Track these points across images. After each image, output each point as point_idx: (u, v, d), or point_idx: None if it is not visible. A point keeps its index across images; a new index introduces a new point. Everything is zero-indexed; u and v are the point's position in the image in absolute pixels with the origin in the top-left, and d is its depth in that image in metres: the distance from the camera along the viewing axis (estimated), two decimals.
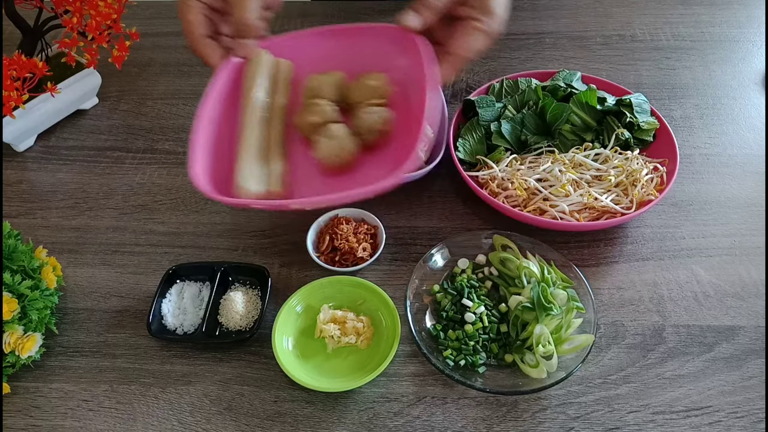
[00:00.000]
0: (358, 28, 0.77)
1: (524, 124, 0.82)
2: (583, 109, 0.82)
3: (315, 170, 0.70)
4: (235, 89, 0.74)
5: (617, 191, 0.76)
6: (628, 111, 0.82)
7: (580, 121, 0.82)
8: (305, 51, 0.77)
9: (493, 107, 0.84)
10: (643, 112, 0.83)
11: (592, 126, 0.83)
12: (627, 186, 0.76)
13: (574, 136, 0.82)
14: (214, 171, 0.68)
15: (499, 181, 0.78)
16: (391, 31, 0.73)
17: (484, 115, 0.83)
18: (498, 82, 0.88)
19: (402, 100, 0.72)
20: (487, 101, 0.85)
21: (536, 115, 0.83)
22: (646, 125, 0.82)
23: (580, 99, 0.81)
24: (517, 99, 0.85)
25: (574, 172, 0.76)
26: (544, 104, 0.82)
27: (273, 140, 0.72)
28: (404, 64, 0.71)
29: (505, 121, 0.82)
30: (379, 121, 0.69)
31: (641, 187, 0.75)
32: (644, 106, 0.84)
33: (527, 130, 0.82)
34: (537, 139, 0.82)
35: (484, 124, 0.83)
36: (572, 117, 0.81)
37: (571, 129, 0.82)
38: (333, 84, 0.74)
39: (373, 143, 0.71)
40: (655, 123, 0.83)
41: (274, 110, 0.74)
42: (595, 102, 0.82)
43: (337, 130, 0.69)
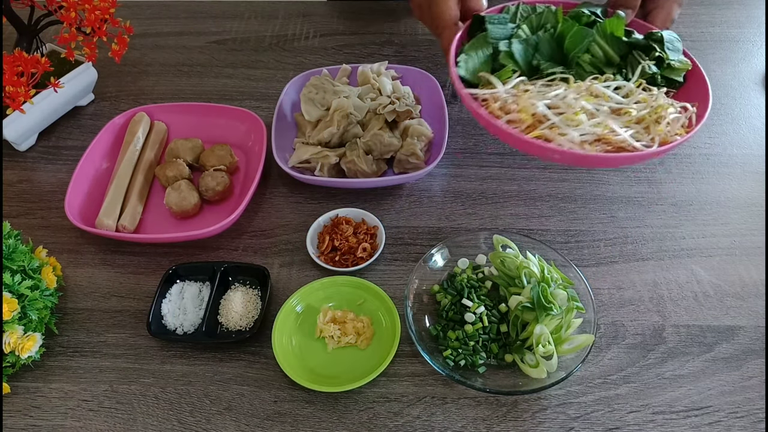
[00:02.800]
0: (220, 108, 0.95)
1: (538, 48, 0.72)
2: (607, 40, 0.71)
3: (166, 213, 0.85)
4: (118, 142, 0.92)
5: (638, 128, 0.65)
6: (659, 46, 0.72)
7: (602, 54, 0.71)
8: (178, 118, 0.95)
9: (505, 25, 0.74)
10: (675, 51, 0.73)
11: (615, 61, 0.72)
12: (650, 124, 0.66)
13: (594, 68, 0.71)
14: (89, 205, 0.84)
15: (503, 102, 0.67)
16: (240, 113, 0.93)
17: (494, 32, 0.73)
18: (514, 4, 0.77)
19: (243, 164, 0.91)
20: (499, 18, 0.74)
21: (553, 39, 0.72)
22: (677, 63, 0.72)
23: (604, 28, 0.71)
24: (533, 20, 0.74)
25: (591, 99, 0.66)
26: (563, 29, 0.72)
27: (136, 185, 0.86)
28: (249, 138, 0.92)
29: (517, 41, 0.71)
30: (219, 183, 0.84)
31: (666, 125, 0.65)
32: (676, 44, 0.73)
33: (540, 55, 0.72)
34: (550, 65, 0.71)
35: (493, 42, 0.72)
36: (593, 48, 0.71)
37: (590, 60, 0.71)
38: (191, 148, 0.89)
39: (212, 199, 0.85)
40: (688, 63, 0.72)
41: (144, 161, 0.89)
42: (622, 32, 0.71)
43: (183, 185, 0.84)
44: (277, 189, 0.88)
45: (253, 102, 1.01)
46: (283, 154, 0.87)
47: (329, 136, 0.84)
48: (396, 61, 1.05)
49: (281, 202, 0.86)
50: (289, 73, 1.04)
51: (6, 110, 0.87)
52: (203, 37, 1.14)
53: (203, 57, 1.10)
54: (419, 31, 1.13)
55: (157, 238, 0.81)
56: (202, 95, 1.03)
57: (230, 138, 0.92)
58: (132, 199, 0.84)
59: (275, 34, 1.14)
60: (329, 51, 1.10)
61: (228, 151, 0.88)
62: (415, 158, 0.83)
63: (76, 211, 0.82)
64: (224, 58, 1.10)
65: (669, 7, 0.73)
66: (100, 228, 0.80)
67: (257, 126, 0.91)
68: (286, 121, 0.93)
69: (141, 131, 0.92)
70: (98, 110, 1.01)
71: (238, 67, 1.08)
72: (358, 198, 0.86)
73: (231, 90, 1.03)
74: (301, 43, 1.12)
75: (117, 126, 0.93)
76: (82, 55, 0.92)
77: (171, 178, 0.85)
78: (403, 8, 1.17)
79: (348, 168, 0.83)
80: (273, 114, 0.91)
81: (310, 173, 0.85)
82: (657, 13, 0.73)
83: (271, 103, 0.98)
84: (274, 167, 0.89)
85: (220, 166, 0.87)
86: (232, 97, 1.02)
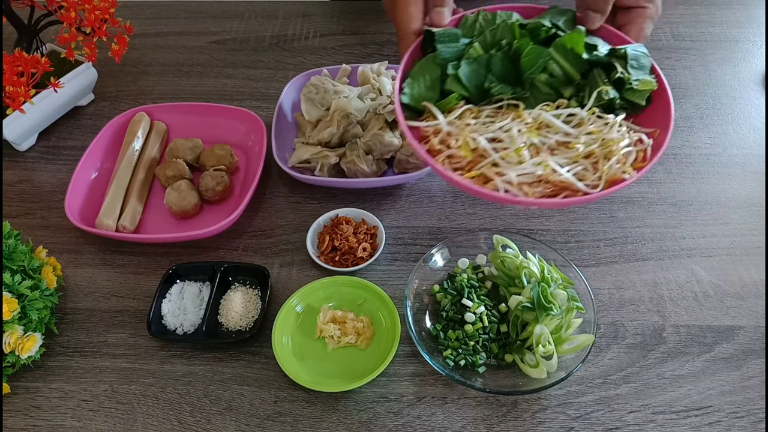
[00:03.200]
0: (220, 108, 0.95)
1: (490, 67, 0.65)
2: (566, 56, 0.64)
3: (166, 213, 0.85)
4: (118, 142, 0.92)
5: (586, 164, 0.59)
6: (621, 64, 0.64)
7: (561, 72, 0.64)
8: (178, 118, 0.95)
9: (457, 43, 0.66)
10: (640, 68, 0.64)
11: (575, 79, 0.65)
12: (599, 158, 0.60)
13: (550, 89, 0.65)
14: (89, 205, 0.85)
15: (444, 135, 0.61)
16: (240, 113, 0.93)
17: (444, 51, 0.65)
18: (473, 13, 0.68)
19: (243, 165, 0.91)
20: (450, 34, 0.65)
21: (507, 58, 0.65)
22: (638, 85, 0.63)
23: (563, 43, 0.64)
24: (487, 36, 0.66)
25: (536, 133, 0.61)
26: (519, 45, 0.64)
27: (136, 185, 0.86)
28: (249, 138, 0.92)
29: (467, 62, 0.64)
30: (219, 183, 0.84)
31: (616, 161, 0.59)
32: (643, 60, 0.65)
33: (494, 75, 0.65)
34: (502, 88, 0.64)
35: (441, 63, 0.65)
36: (551, 65, 0.64)
37: (547, 80, 0.64)
38: (190, 148, 0.89)
39: (212, 199, 0.85)
40: (652, 84, 0.64)
41: (144, 161, 0.89)
42: (582, 48, 0.63)
43: (183, 185, 0.84)
44: (277, 189, 0.88)
45: (253, 102, 1.01)
46: (283, 154, 0.87)
47: (329, 136, 0.84)
48: (396, 61, 1.05)
49: (281, 202, 0.86)
50: (289, 73, 1.05)
51: (6, 110, 0.87)
52: (203, 37, 1.14)
53: (203, 57, 1.10)
54: None
55: (157, 238, 0.81)
56: (202, 95, 1.03)
57: (230, 138, 0.92)
58: (132, 199, 0.84)
59: (275, 34, 1.14)
60: (329, 51, 1.10)
61: (228, 151, 0.88)
62: (415, 158, 0.83)
63: (76, 211, 0.82)
64: (224, 58, 1.10)
65: (641, 24, 0.67)
66: (100, 228, 0.80)
67: (257, 126, 0.91)
68: (286, 121, 0.93)
69: (141, 131, 0.92)
70: (98, 110, 1.01)
71: (238, 67, 1.08)
72: (358, 198, 0.86)
73: (231, 90, 1.03)
74: (301, 43, 1.12)
75: (117, 126, 0.93)
76: (82, 55, 0.92)
77: (171, 178, 0.85)
78: None
79: (348, 168, 0.83)
80: (273, 114, 0.91)
81: (310, 173, 0.85)
82: (629, 28, 0.68)
83: (271, 103, 0.98)
84: (274, 167, 0.89)
85: (220, 166, 0.87)
86: (232, 97, 1.02)
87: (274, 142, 0.87)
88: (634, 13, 0.68)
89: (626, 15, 0.68)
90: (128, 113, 0.94)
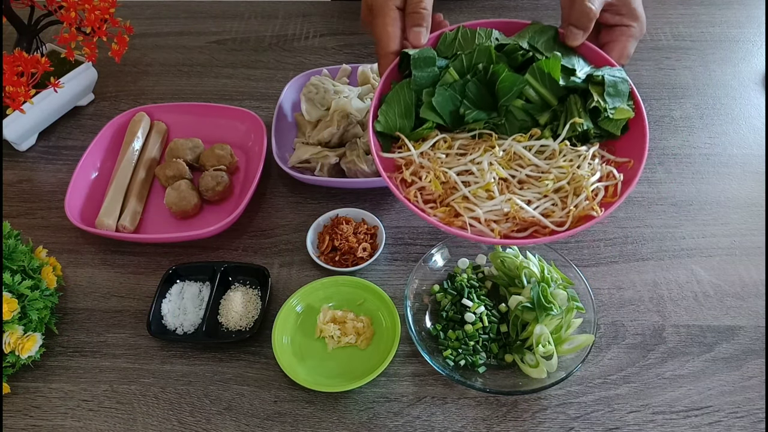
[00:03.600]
0: (220, 108, 0.95)
1: (465, 93, 0.63)
2: (544, 81, 0.62)
3: (166, 213, 0.85)
4: (118, 142, 0.92)
5: (555, 198, 0.59)
6: (597, 92, 0.62)
7: (538, 97, 0.63)
8: (178, 118, 0.95)
9: (432, 68, 0.63)
10: (617, 96, 0.62)
11: (552, 104, 0.63)
12: (569, 194, 0.59)
13: (526, 115, 0.63)
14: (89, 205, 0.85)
15: (416, 167, 0.61)
16: (240, 113, 0.93)
17: (419, 77, 0.63)
18: (453, 30, 0.66)
19: (243, 165, 0.91)
20: (425, 58, 0.63)
21: (483, 83, 0.63)
22: (614, 114, 0.61)
23: (540, 67, 0.62)
24: (463, 60, 0.64)
25: (507, 166, 0.60)
26: (495, 70, 0.62)
27: (136, 185, 0.86)
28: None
29: (443, 88, 0.62)
30: (219, 183, 0.84)
31: (584, 198, 0.58)
32: (621, 86, 0.62)
33: (469, 102, 0.63)
34: (478, 114, 0.63)
35: (416, 89, 0.63)
36: (527, 91, 0.62)
37: (523, 106, 0.63)
38: (191, 148, 0.89)
39: (212, 199, 0.85)
40: (628, 112, 0.62)
41: (143, 161, 0.89)
42: (558, 74, 0.62)
43: (183, 185, 0.84)
44: (277, 189, 0.88)
45: (253, 102, 1.01)
46: (283, 154, 0.87)
47: (329, 136, 0.84)
48: None
49: (281, 202, 0.86)
50: (289, 73, 1.04)
51: (6, 110, 0.87)
52: (203, 37, 1.14)
53: (203, 57, 1.10)
54: None
55: (157, 238, 0.81)
56: (202, 95, 1.03)
57: (230, 138, 0.92)
58: (132, 199, 0.84)
59: (275, 34, 1.14)
60: (329, 51, 1.10)
61: (228, 151, 0.88)
62: None
63: (76, 211, 0.82)
64: (224, 58, 1.10)
65: (624, 42, 0.66)
66: (100, 228, 0.80)
67: (257, 126, 0.91)
68: (286, 121, 0.93)
69: (141, 131, 0.92)
70: (98, 110, 1.01)
71: (238, 67, 1.08)
72: (358, 198, 0.86)
73: (231, 90, 1.03)
74: (301, 43, 1.12)
75: (117, 126, 0.93)
76: (82, 55, 0.92)
77: (171, 178, 0.85)
78: None
79: (348, 168, 0.83)
80: (273, 114, 0.91)
81: (310, 173, 0.85)
82: (612, 46, 0.66)
83: (271, 103, 0.98)
84: (274, 167, 0.89)
85: (220, 166, 0.87)
86: (232, 97, 1.02)
87: (274, 142, 0.88)
88: (617, 31, 0.66)
89: (610, 33, 0.67)
90: (128, 113, 0.94)
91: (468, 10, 1.16)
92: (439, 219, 0.58)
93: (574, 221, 0.58)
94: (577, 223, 0.58)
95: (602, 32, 0.68)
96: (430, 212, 0.59)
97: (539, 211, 0.58)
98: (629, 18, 0.66)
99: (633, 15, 0.66)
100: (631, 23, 0.66)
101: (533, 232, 0.58)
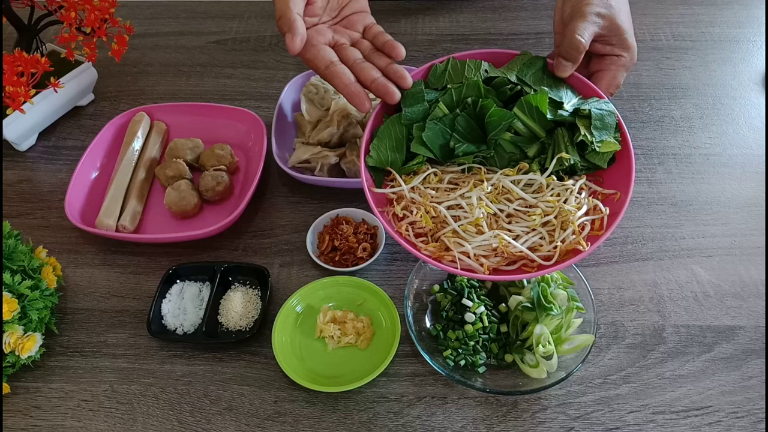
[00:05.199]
0: (220, 108, 0.95)
1: (455, 126, 0.65)
2: (532, 115, 0.64)
3: (166, 213, 0.85)
4: (118, 142, 0.92)
5: (543, 232, 0.60)
6: (584, 125, 0.63)
7: (526, 130, 0.64)
8: (178, 118, 0.95)
9: (422, 102, 0.65)
10: (604, 129, 0.63)
11: (540, 137, 0.65)
12: (556, 228, 0.60)
13: (515, 148, 0.64)
14: (89, 205, 0.85)
15: (407, 202, 0.63)
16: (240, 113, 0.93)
17: (409, 113, 0.65)
18: (443, 62, 0.68)
19: (243, 165, 0.91)
20: (415, 94, 0.65)
21: (472, 117, 0.65)
22: (600, 147, 0.63)
23: (529, 102, 0.63)
24: (453, 94, 0.66)
25: (495, 200, 0.62)
26: (484, 104, 0.64)
27: (136, 185, 0.86)
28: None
29: (433, 122, 0.64)
30: (219, 183, 0.84)
31: (571, 232, 0.59)
32: (608, 119, 0.63)
33: (459, 135, 0.65)
34: (468, 147, 0.64)
35: (407, 123, 0.65)
36: (516, 124, 0.64)
37: (512, 139, 0.64)
38: (191, 148, 0.89)
39: (212, 199, 0.85)
40: (615, 145, 0.63)
41: (143, 161, 0.89)
42: (546, 108, 0.63)
43: (183, 185, 0.84)
44: (277, 189, 0.88)
45: (253, 102, 1.01)
46: (283, 154, 0.87)
47: (329, 136, 0.84)
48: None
49: (281, 202, 0.86)
50: (289, 73, 1.04)
51: (6, 110, 0.87)
52: (203, 37, 1.14)
53: (203, 57, 1.10)
54: (419, 30, 1.13)
55: (157, 238, 0.81)
56: (202, 95, 1.03)
57: (230, 138, 0.92)
58: (132, 199, 0.84)
59: (275, 34, 1.14)
60: None
61: (228, 151, 0.88)
62: None
63: (76, 211, 0.82)
64: (224, 58, 1.10)
65: (614, 72, 0.66)
66: (100, 228, 0.80)
67: (257, 126, 0.91)
68: (286, 121, 0.93)
69: (141, 131, 0.92)
70: (98, 110, 1.01)
71: (238, 67, 1.08)
72: (358, 198, 0.85)
73: (231, 90, 1.03)
74: None
75: (117, 126, 0.93)
76: (82, 55, 0.92)
77: (171, 178, 0.85)
78: (403, 8, 1.17)
79: (348, 168, 0.83)
80: (273, 114, 0.91)
81: (310, 173, 0.85)
82: (601, 75, 0.66)
83: (271, 103, 0.98)
84: (274, 167, 0.89)
85: (220, 166, 0.87)
86: (232, 97, 1.02)
87: (274, 142, 0.88)
88: (608, 61, 0.67)
89: (600, 62, 0.67)
90: (128, 113, 0.94)
91: (468, 9, 1.16)
92: (430, 254, 0.59)
93: (561, 255, 0.59)
94: (564, 257, 0.59)
95: (593, 61, 0.68)
96: (422, 247, 0.60)
97: (527, 245, 0.59)
98: (620, 48, 0.66)
99: (624, 45, 0.66)
100: (622, 53, 0.66)
101: (522, 266, 0.60)
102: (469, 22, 1.13)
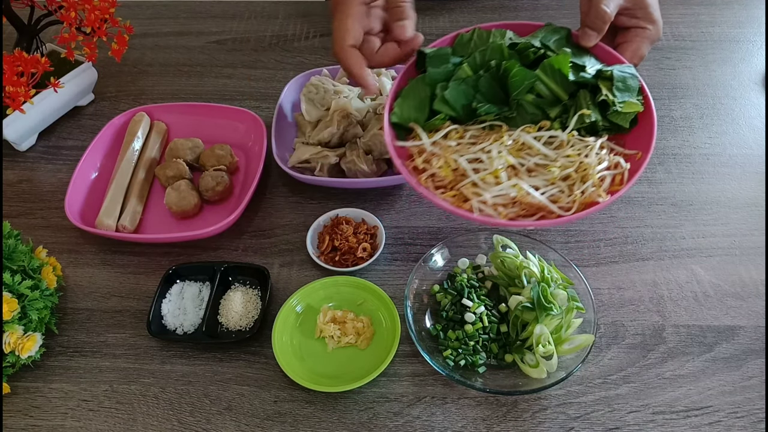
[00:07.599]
0: (220, 108, 0.95)
1: (478, 88, 0.65)
2: (554, 77, 0.64)
3: (166, 213, 0.85)
4: (118, 142, 0.92)
5: (563, 186, 0.60)
6: (606, 86, 0.63)
7: (549, 92, 0.65)
8: (178, 118, 0.95)
9: (447, 64, 0.67)
10: (626, 90, 0.64)
11: (562, 99, 0.65)
12: (575, 181, 0.60)
13: (537, 109, 0.65)
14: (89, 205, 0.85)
15: (427, 155, 0.63)
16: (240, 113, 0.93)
17: (433, 73, 0.66)
18: (468, 31, 0.69)
19: (243, 165, 0.91)
20: (440, 56, 0.67)
21: (495, 79, 0.65)
22: (623, 107, 0.63)
23: (551, 64, 0.63)
24: (477, 57, 0.67)
25: (516, 155, 0.62)
26: (507, 66, 0.64)
27: (136, 185, 0.86)
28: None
29: (456, 83, 0.65)
30: (219, 183, 0.84)
31: (591, 184, 0.59)
32: (630, 82, 0.64)
33: (482, 96, 0.65)
34: (490, 108, 0.65)
35: (431, 83, 0.66)
36: (538, 86, 0.64)
37: (534, 101, 0.65)
38: (191, 148, 0.89)
39: (212, 199, 0.85)
40: (637, 106, 0.63)
41: (143, 161, 0.89)
42: (567, 70, 0.63)
43: (183, 185, 0.84)
44: (277, 189, 0.88)
45: (253, 102, 1.01)
46: (283, 154, 0.87)
47: (329, 136, 0.84)
48: None
49: (281, 202, 0.86)
50: (289, 73, 1.04)
51: (6, 110, 0.87)
52: (203, 37, 1.14)
53: (203, 57, 1.10)
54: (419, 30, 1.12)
55: (157, 238, 0.81)
56: (202, 95, 1.03)
57: (230, 138, 0.92)
58: (132, 199, 0.84)
59: (275, 34, 1.14)
60: (329, 51, 1.09)
61: (228, 151, 0.88)
62: None
63: (76, 211, 0.82)
64: (224, 58, 1.10)
65: (639, 42, 0.67)
66: (100, 228, 0.80)
67: (257, 126, 0.91)
68: (286, 121, 0.93)
69: (141, 131, 0.92)
70: (98, 110, 1.01)
71: (238, 67, 1.08)
72: (358, 198, 0.86)
73: (231, 90, 1.03)
74: (301, 43, 1.12)
75: (117, 126, 0.93)
76: (82, 55, 0.92)
77: (171, 178, 0.85)
78: None
79: (348, 168, 0.83)
80: (273, 114, 0.91)
81: (310, 173, 0.85)
82: (626, 47, 0.67)
83: (271, 103, 0.98)
84: (274, 167, 0.89)
85: (220, 166, 0.87)
86: (232, 97, 1.02)
87: (274, 142, 0.88)
88: (632, 33, 0.67)
89: (625, 35, 0.68)
90: (128, 113, 0.94)
91: (468, 9, 1.16)
92: (449, 202, 0.59)
93: (580, 207, 0.58)
94: (583, 208, 0.58)
95: (618, 34, 0.69)
96: (441, 195, 0.60)
97: (546, 197, 0.59)
98: (645, 21, 0.67)
99: (649, 18, 0.67)
100: (647, 25, 0.67)
101: (540, 217, 0.59)
102: (469, 22, 1.13)
